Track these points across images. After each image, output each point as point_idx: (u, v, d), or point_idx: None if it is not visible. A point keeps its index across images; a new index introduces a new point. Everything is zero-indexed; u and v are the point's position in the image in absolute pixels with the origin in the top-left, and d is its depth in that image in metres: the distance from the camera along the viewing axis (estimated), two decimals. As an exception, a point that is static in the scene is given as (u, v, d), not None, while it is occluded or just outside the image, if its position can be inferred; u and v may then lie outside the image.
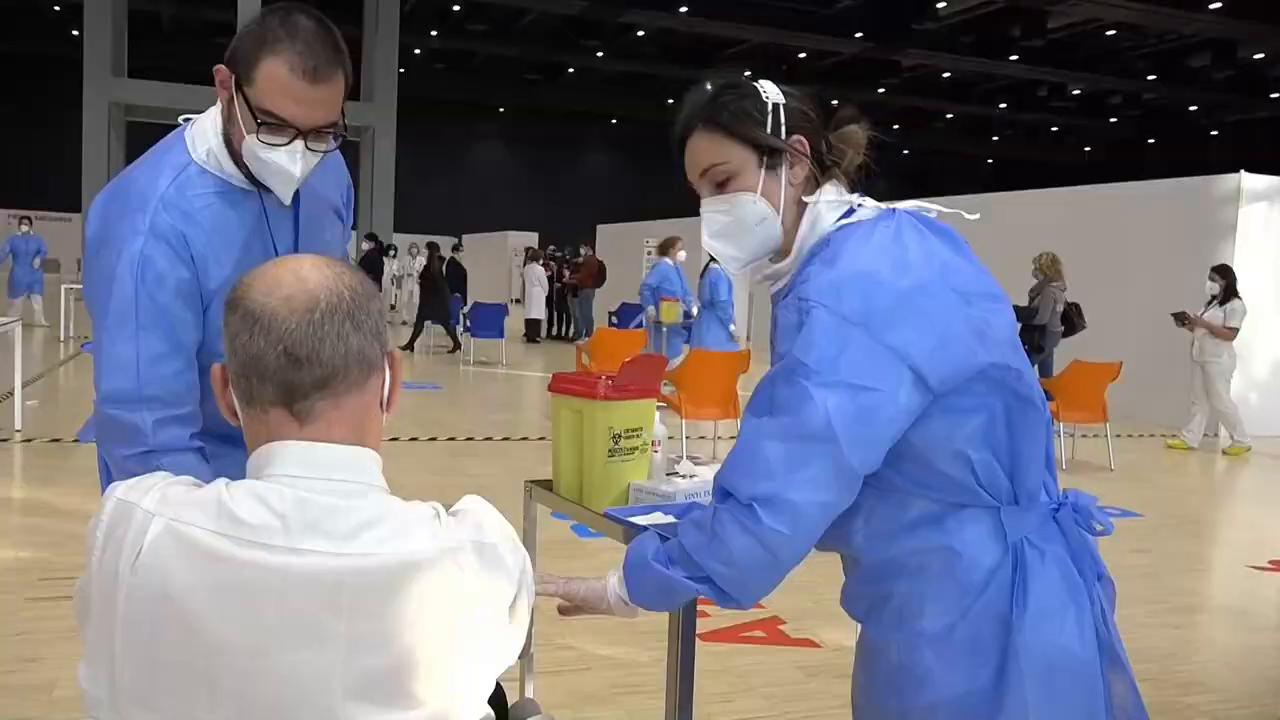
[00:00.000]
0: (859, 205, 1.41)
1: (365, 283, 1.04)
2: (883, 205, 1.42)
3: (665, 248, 10.23)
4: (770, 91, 1.42)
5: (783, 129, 1.40)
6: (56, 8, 29.45)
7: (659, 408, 2.18)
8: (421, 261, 16.81)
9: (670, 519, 1.91)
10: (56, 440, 6.88)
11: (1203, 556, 5.60)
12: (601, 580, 1.49)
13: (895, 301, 1.27)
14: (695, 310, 9.83)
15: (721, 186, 1.43)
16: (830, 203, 1.41)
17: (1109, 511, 6.46)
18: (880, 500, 1.37)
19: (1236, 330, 8.62)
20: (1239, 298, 8.66)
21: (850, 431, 1.25)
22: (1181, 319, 8.80)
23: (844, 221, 1.40)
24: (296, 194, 1.67)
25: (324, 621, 0.93)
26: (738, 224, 1.42)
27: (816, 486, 1.26)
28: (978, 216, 1.65)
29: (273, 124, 1.52)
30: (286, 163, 1.56)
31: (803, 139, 1.41)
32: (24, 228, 15.54)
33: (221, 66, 1.56)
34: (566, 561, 4.38)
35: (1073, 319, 8.92)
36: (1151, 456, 8.63)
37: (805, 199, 1.41)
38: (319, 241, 1.80)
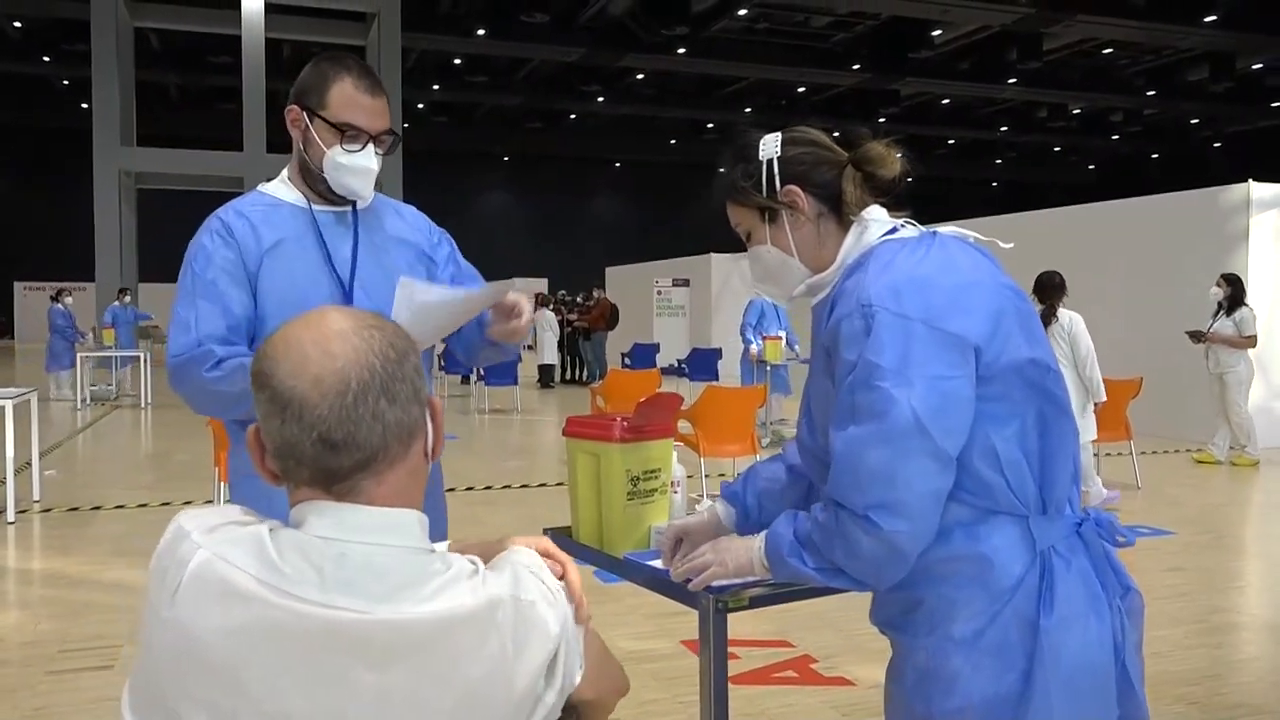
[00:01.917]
0: (902, 225, 1.53)
1: (397, 340, 0.99)
2: (924, 228, 1.53)
3: None
4: (767, 147, 1.56)
5: (777, 182, 1.54)
6: (65, 82, 29.97)
7: (674, 446, 2.14)
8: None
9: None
10: (74, 509, 6.87)
11: (1238, 572, 5.48)
12: (747, 553, 1.56)
13: (950, 295, 1.37)
14: (798, 348, 10.01)
15: (749, 240, 1.62)
16: (876, 220, 1.52)
17: (1138, 530, 6.36)
18: None
19: (1254, 337, 8.52)
20: (1247, 305, 8.57)
21: (937, 420, 1.32)
22: (1197, 337, 8.71)
23: (888, 238, 1.50)
24: (354, 213, 2.01)
25: (353, 673, 0.90)
26: (765, 270, 1.61)
27: (922, 478, 1.33)
28: (1012, 245, 1.66)
29: (350, 133, 1.90)
30: (365, 161, 1.93)
31: (795, 187, 1.53)
32: (126, 298, 15.89)
33: (292, 107, 1.95)
34: (592, 607, 4.30)
35: None
36: (1179, 472, 8.50)
37: (852, 217, 1.53)
38: (384, 263, 2.01)
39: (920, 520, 1.35)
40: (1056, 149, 39.12)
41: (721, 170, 1.64)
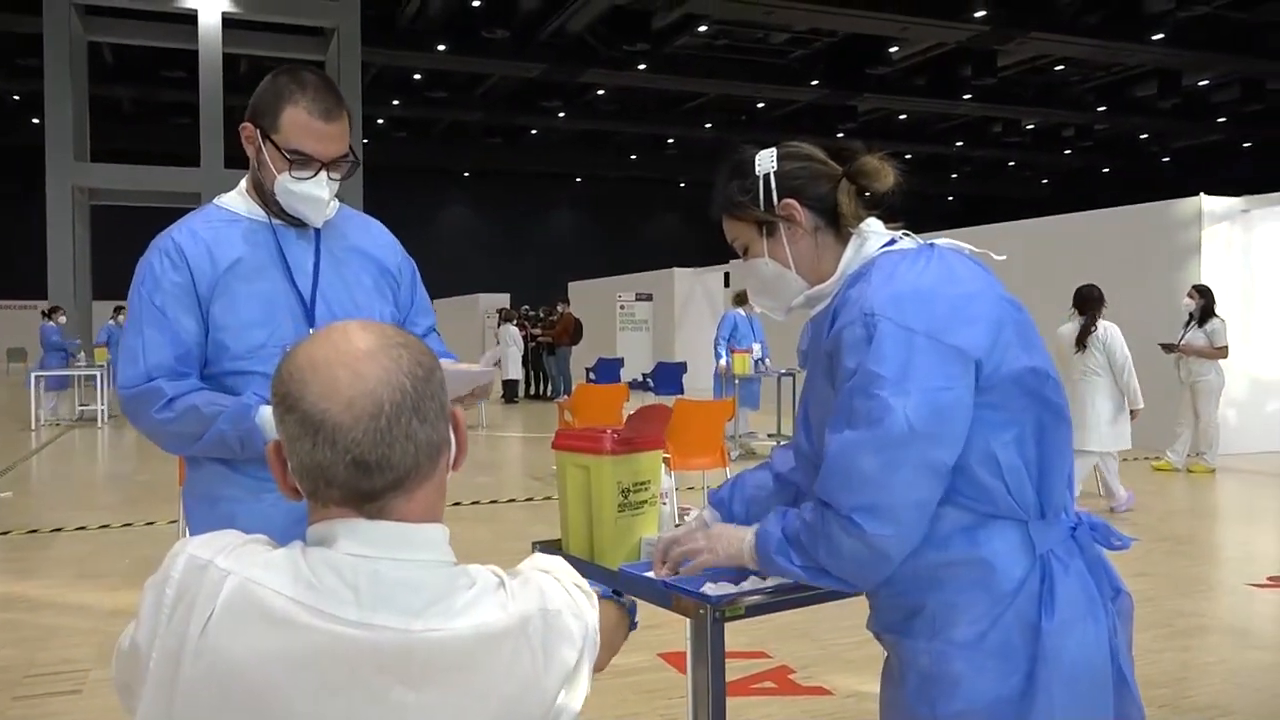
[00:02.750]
0: (900, 237, 1.55)
1: (424, 357, 0.98)
2: (921, 240, 1.56)
3: (740, 299, 10.49)
4: (763, 162, 1.58)
5: (774, 195, 1.56)
6: (16, 97, 29.44)
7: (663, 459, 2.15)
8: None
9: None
10: (34, 531, 6.72)
11: (1201, 577, 5.59)
12: (738, 544, 1.58)
13: (951, 307, 1.40)
14: (768, 361, 10.13)
15: (745, 254, 1.63)
16: (875, 233, 1.55)
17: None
18: None
19: (1226, 348, 8.68)
20: (1218, 316, 8.75)
21: (932, 431, 1.35)
22: (1169, 349, 8.88)
23: (888, 250, 1.52)
24: (317, 230, 1.94)
25: (394, 692, 0.90)
26: (762, 283, 1.62)
27: (911, 487, 1.37)
28: (1005, 258, 1.69)
29: (299, 160, 1.83)
30: (315, 190, 1.85)
31: (791, 200, 1.56)
32: (62, 317, 15.30)
33: (246, 124, 1.86)
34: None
35: None
36: (1138, 479, 8.65)
37: (850, 229, 1.55)
38: (346, 277, 1.97)
39: (905, 526, 1.38)
40: (1011, 163, 39.77)
41: (716, 186, 1.65)
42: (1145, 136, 34.96)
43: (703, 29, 24.17)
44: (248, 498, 1.90)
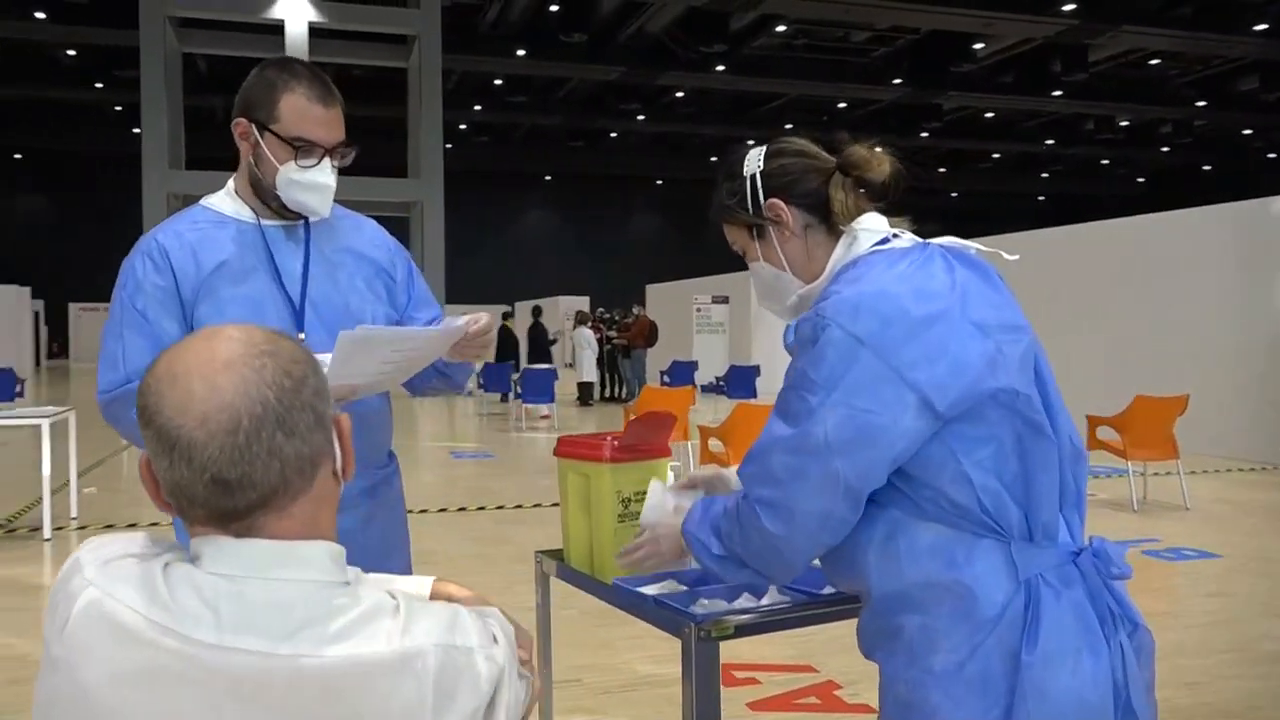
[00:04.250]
0: (895, 235, 1.46)
1: (294, 366, 0.90)
2: (919, 239, 1.47)
3: None
4: (751, 163, 1.52)
5: (760, 196, 1.50)
6: (117, 108, 30.72)
7: (672, 466, 2.07)
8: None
9: (683, 587, 1.80)
10: (111, 526, 6.94)
11: (1289, 597, 5.26)
12: (677, 541, 1.58)
13: (910, 327, 1.31)
14: None
15: (745, 257, 1.59)
16: (867, 230, 1.46)
17: (1183, 552, 6.12)
18: (893, 528, 1.37)
19: None
20: None
21: (848, 450, 1.30)
22: None
23: (879, 248, 1.44)
24: (306, 227, 1.89)
25: (252, 718, 0.83)
26: (763, 285, 1.58)
27: (813, 496, 1.33)
28: (1018, 257, 1.59)
29: (304, 147, 1.78)
30: (319, 177, 1.81)
31: (778, 200, 1.49)
32: None
33: (240, 120, 1.81)
34: (599, 630, 4.24)
35: None
36: (1229, 492, 8.23)
37: (843, 226, 1.48)
38: (338, 280, 1.91)
39: (799, 532, 1.36)
40: (1104, 161, 38.53)
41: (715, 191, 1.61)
42: (1248, 132, 33.50)
43: (781, 29, 23.95)
44: None
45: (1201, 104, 29.37)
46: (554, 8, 23.11)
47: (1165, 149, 35.29)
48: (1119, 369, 10.57)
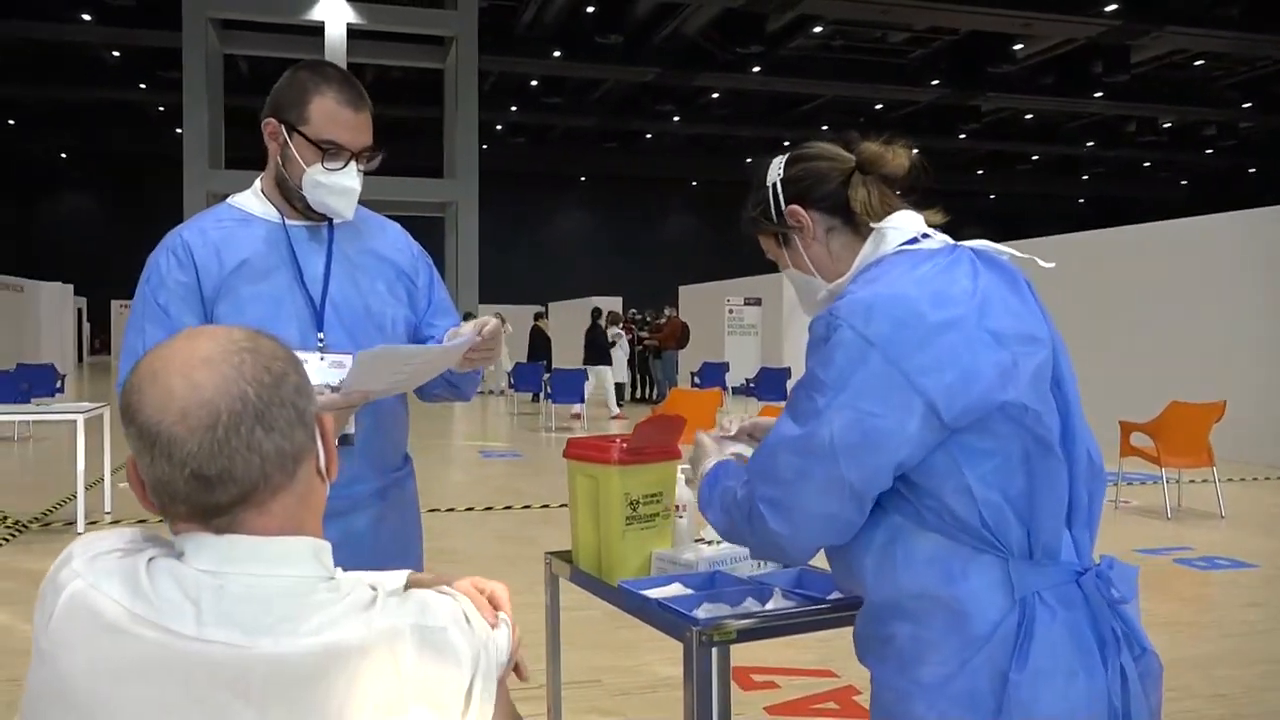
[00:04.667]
0: (924, 236, 1.43)
1: (274, 362, 0.92)
2: (950, 240, 1.45)
3: None
4: (773, 171, 1.53)
5: (782, 204, 1.50)
6: (160, 108, 31.21)
7: (682, 469, 2.06)
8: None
9: (689, 591, 1.80)
10: (143, 521, 7.05)
11: (1327, 609, 5.14)
12: (700, 470, 1.60)
13: (923, 332, 1.28)
14: None
15: (780, 265, 1.61)
16: (896, 229, 1.44)
17: (1218, 561, 5.99)
18: (893, 534, 1.35)
19: None
20: None
21: (853, 453, 1.29)
22: None
23: (905, 248, 1.42)
24: (330, 228, 1.91)
25: (233, 709, 0.85)
26: (798, 291, 1.58)
27: (817, 498, 1.33)
28: (1054, 265, 1.56)
29: (332, 150, 1.80)
30: (346, 181, 1.83)
31: (797, 207, 1.49)
32: None
33: (269, 120, 1.84)
34: (620, 631, 4.23)
35: None
36: (1268, 500, 8.07)
37: (873, 225, 1.45)
38: (359, 282, 1.92)
39: (802, 532, 1.36)
40: (1146, 164, 37.95)
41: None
42: (1296, 134, 32.87)
43: (818, 30, 23.84)
44: None
45: (1246, 106, 28.85)
46: (590, 9, 23.18)
47: (1209, 151, 34.70)
48: (1155, 374, 10.39)
